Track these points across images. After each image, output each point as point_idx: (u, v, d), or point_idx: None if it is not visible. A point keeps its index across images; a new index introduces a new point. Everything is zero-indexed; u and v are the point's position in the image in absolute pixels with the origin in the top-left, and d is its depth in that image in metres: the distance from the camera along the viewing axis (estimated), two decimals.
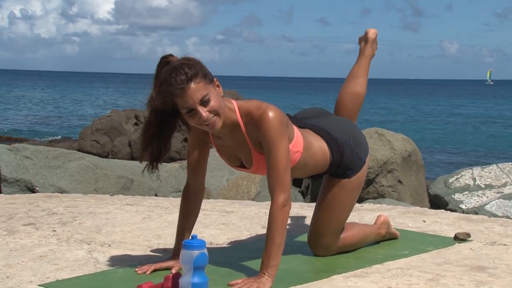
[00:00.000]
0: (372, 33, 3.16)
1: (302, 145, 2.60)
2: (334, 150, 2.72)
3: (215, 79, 2.42)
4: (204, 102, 2.35)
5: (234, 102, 2.51)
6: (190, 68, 2.34)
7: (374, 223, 3.12)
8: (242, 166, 2.64)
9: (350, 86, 3.07)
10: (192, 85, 2.32)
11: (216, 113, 2.38)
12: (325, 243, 2.82)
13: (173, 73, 2.33)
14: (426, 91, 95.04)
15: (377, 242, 3.10)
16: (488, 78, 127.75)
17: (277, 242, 2.39)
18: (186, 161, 2.83)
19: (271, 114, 2.41)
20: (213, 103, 2.36)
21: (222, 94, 2.44)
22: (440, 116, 39.33)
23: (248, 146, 2.52)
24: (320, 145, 2.70)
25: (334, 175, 2.79)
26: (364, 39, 3.17)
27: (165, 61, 2.42)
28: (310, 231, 2.86)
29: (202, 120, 2.36)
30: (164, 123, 2.43)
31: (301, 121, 2.78)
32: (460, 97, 72.70)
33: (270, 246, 2.39)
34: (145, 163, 2.50)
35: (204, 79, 2.36)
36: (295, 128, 2.62)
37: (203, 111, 2.35)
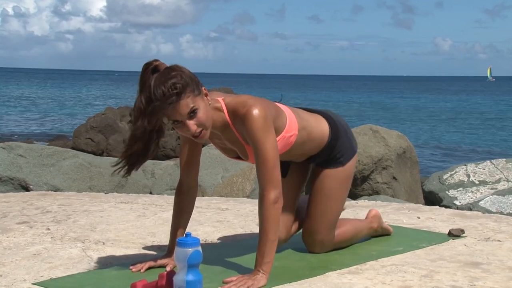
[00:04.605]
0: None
1: (297, 127, 2.62)
2: (333, 128, 2.77)
3: (202, 88, 2.39)
4: (192, 115, 2.34)
5: (221, 100, 2.48)
6: (179, 84, 2.28)
7: (366, 218, 3.12)
8: (238, 157, 2.65)
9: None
10: (181, 101, 2.30)
11: (203, 126, 2.37)
12: (320, 239, 2.81)
13: (161, 90, 2.27)
14: (421, 88, 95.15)
15: (371, 238, 3.11)
16: (488, 75, 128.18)
17: (270, 239, 2.39)
18: None
19: (255, 112, 2.40)
20: (201, 114, 2.35)
21: (210, 103, 2.42)
22: (435, 113, 39.40)
23: (241, 143, 2.53)
24: (318, 121, 2.75)
25: (325, 164, 2.80)
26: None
27: (150, 68, 2.33)
28: (304, 228, 2.85)
29: (190, 133, 2.36)
30: (151, 135, 2.37)
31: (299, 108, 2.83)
32: (459, 94, 72.75)
33: (263, 243, 2.39)
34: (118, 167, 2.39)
35: (193, 92, 2.33)
36: (289, 112, 2.63)
37: (191, 125, 2.34)
